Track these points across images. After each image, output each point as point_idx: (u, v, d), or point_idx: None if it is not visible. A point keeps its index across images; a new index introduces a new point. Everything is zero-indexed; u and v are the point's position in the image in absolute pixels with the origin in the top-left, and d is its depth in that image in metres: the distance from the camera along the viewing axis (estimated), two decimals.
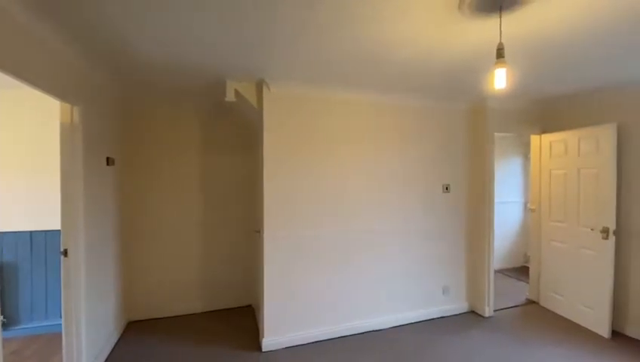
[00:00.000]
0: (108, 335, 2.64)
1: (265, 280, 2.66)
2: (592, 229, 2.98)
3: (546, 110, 3.56)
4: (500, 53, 1.53)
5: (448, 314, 3.32)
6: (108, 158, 2.61)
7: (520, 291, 3.93)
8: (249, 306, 3.58)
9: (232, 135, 3.55)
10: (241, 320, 3.25)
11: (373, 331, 2.99)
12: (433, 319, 3.25)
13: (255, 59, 2.13)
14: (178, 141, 3.39)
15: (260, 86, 2.63)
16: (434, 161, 3.28)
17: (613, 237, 2.81)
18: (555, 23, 1.64)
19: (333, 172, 2.88)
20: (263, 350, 2.65)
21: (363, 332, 2.96)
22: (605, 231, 2.85)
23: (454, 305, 3.37)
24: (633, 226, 2.83)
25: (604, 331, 2.85)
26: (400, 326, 3.10)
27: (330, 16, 1.56)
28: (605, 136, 2.87)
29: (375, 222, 3.03)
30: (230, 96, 2.58)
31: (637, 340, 2.77)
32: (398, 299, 3.14)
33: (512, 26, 1.64)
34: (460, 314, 3.36)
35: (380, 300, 3.06)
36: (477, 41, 1.83)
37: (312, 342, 2.79)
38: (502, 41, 1.56)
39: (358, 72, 2.41)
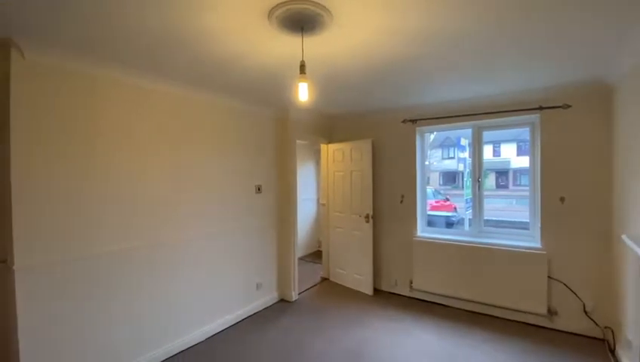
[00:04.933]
0: None
1: (19, 331, 1.81)
2: (359, 216, 3.98)
3: (332, 124, 4.44)
4: (302, 69, 1.76)
5: (262, 308, 3.51)
6: None
7: (316, 272, 4.71)
8: None
9: None
10: None
11: (189, 348, 2.71)
12: (250, 316, 3.33)
13: None
14: None
15: (5, 47, 1.79)
16: (247, 163, 3.37)
17: (372, 220, 3.88)
18: (337, 57, 2.08)
19: (129, 172, 2.37)
20: None
21: (177, 354, 2.62)
22: (367, 217, 3.88)
23: (267, 297, 3.60)
24: (382, 212, 4.01)
25: (369, 290, 3.88)
26: (219, 332, 2.98)
27: None
28: (366, 148, 3.92)
29: (184, 229, 2.76)
30: None
31: (388, 292, 3.94)
32: (214, 307, 2.99)
33: (312, 47, 1.92)
34: (272, 304, 3.63)
35: (193, 313, 2.80)
36: (285, 52, 2.02)
37: None
38: (304, 58, 1.79)
39: (163, 58, 2.11)
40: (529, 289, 3.03)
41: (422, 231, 3.83)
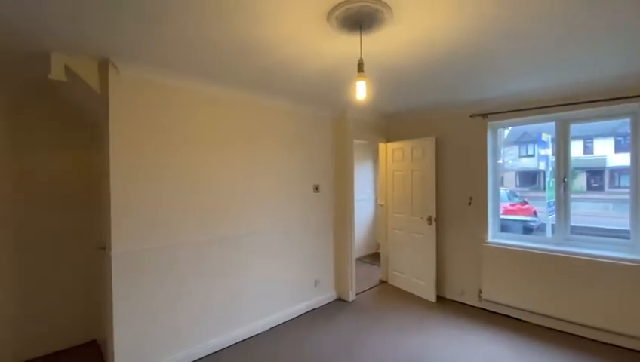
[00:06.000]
0: None
1: (113, 306, 2.15)
2: (421, 218, 3.79)
3: (390, 123, 4.32)
4: (360, 68, 1.74)
5: (320, 305, 3.57)
6: None
7: (374, 274, 4.63)
8: (93, 342, 2.86)
9: (61, 126, 2.75)
10: None
11: (253, 337, 2.90)
12: (309, 311, 3.42)
13: (95, 30, 1.71)
14: None
15: (104, 66, 2.12)
16: (306, 163, 3.46)
17: (435, 223, 3.66)
18: (397, 53, 2.00)
19: (200, 173, 2.63)
20: None
21: (241, 341, 2.82)
22: (429, 219, 3.68)
23: (325, 295, 3.65)
24: (446, 214, 3.76)
25: (432, 297, 3.67)
26: (278, 325, 3.12)
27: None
28: (428, 146, 3.72)
29: (250, 224, 2.95)
30: (58, 74, 1.98)
31: (453, 301, 3.68)
32: (275, 300, 3.15)
33: (370, 45, 1.88)
34: (329, 302, 3.67)
35: (257, 304, 2.99)
36: (342, 52, 2.02)
37: None
38: (362, 57, 1.77)
39: (230, 68, 2.29)
40: (629, 309, 2.55)
41: (494, 237, 3.50)
